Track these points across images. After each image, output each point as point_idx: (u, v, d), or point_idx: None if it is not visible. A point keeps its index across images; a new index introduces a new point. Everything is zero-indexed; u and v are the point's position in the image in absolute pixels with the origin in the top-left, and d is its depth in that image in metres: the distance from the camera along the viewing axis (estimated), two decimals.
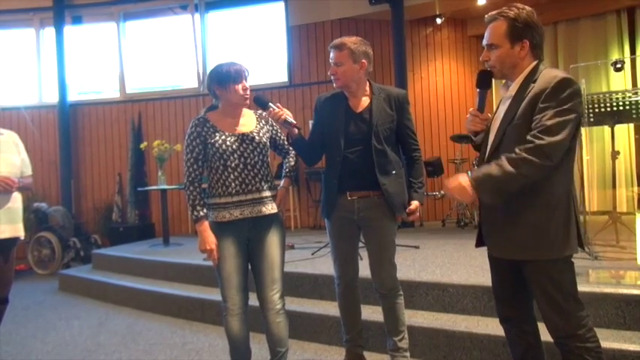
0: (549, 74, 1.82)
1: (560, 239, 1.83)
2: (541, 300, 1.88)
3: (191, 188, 2.42)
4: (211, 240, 2.38)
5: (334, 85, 2.59)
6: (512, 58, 1.88)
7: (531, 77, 1.86)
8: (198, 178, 2.43)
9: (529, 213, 1.83)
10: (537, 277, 1.86)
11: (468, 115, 2.06)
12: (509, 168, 1.75)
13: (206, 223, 2.40)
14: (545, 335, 1.97)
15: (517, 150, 1.76)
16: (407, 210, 2.58)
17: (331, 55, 2.54)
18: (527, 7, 1.87)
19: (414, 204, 2.58)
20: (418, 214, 2.62)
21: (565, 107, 1.75)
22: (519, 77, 1.90)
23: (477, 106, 2.02)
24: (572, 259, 1.89)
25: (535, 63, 1.90)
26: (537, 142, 1.73)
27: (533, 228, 1.83)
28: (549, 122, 1.74)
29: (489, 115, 2.06)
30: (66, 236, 6.75)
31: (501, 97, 2.02)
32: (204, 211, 2.42)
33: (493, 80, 2.02)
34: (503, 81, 2.00)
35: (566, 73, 1.81)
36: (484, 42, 1.95)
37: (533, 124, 1.78)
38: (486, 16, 1.93)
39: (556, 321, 1.85)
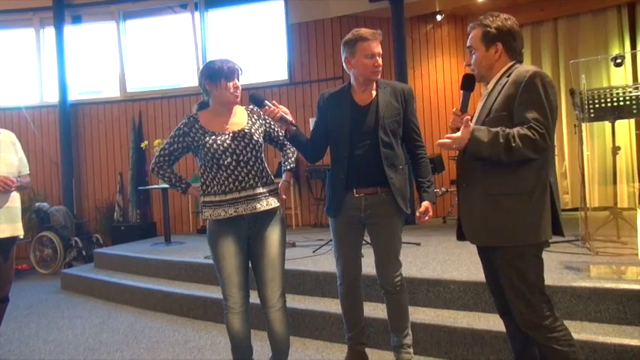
0: (522, 69, 1.96)
1: (533, 226, 1.91)
2: (509, 291, 1.97)
3: (161, 172, 2.55)
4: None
5: (378, 77, 2.51)
6: (488, 60, 2.05)
7: (505, 74, 2.02)
8: (164, 167, 2.55)
9: (504, 200, 1.94)
10: (504, 267, 1.96)
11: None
12: (502, 145, 1.84)
13: (193, 187, 2.62)
14: None
15: (516, 133, 1.83)
16: (419, 211, 2.53)
17: (373, 45, 2.45)
18: (502, 15, 2.04)
19: (425, 205, 2.54)
20: (431, 213, 2.56)
21: (543, 99, 1.86)
22: (496, 76, 2.06)
23: (459, 106, 2.12)
24: (545, 252, 1.99)
25: (511, 63, 2.04)
26: (530, 133, 1.82)
27: (506, 214, 1.93)
28: (530, 116, 1.84)
29: (469, 115, 2.14)
30: (68, 236, 6.77)
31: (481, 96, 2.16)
32: (185, 180, 2.60)
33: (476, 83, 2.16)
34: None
35: (537, 67, 1.94)
36: (467, 45, 2.13)
37: (515, 119, 1.89)
38: (468, 26, 2.12)
39: (523, 311, 1.94)
